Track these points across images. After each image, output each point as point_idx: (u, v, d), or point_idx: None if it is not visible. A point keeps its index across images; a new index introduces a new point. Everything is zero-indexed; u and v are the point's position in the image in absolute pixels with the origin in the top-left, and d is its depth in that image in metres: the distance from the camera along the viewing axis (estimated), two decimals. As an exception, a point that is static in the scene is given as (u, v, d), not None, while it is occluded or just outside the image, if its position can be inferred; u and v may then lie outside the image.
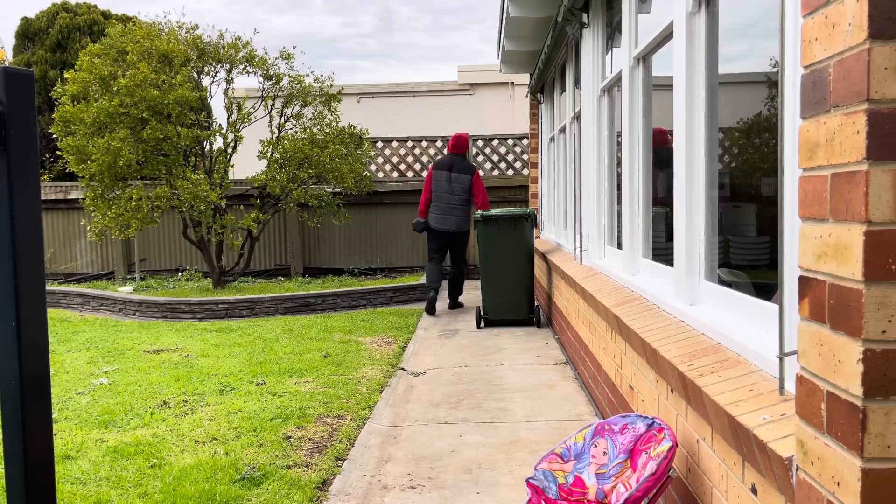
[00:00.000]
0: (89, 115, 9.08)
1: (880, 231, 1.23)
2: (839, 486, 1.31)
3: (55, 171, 14.15)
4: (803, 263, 1.45)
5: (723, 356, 2.26)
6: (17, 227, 1.30)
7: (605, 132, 5.03)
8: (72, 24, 15.72)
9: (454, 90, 18.28)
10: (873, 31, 1.21)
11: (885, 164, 1.22)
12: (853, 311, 1.26)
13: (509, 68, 9.47)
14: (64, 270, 12.70)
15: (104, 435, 4.18)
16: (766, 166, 2.31)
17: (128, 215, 9.28)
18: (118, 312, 9.42)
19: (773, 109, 2.24)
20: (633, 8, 3.95)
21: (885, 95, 1.22)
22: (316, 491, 3.28)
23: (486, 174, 12.87)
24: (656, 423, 2.34)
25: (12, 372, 1.31)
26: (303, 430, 4.15)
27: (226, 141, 10.24)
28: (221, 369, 5.75)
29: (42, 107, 14.97)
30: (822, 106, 1.36)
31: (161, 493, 3.26)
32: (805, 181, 1.45)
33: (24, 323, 1.31)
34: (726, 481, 2.00)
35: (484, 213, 7.30)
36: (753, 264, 2.50)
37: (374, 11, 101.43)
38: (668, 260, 3.32)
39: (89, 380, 5.55)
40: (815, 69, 1.40)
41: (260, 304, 8.94)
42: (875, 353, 1.24)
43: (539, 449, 3.71)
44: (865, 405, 1.24)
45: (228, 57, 10.09)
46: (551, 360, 5.79)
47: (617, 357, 3.65)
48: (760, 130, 2.36)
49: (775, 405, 1.78)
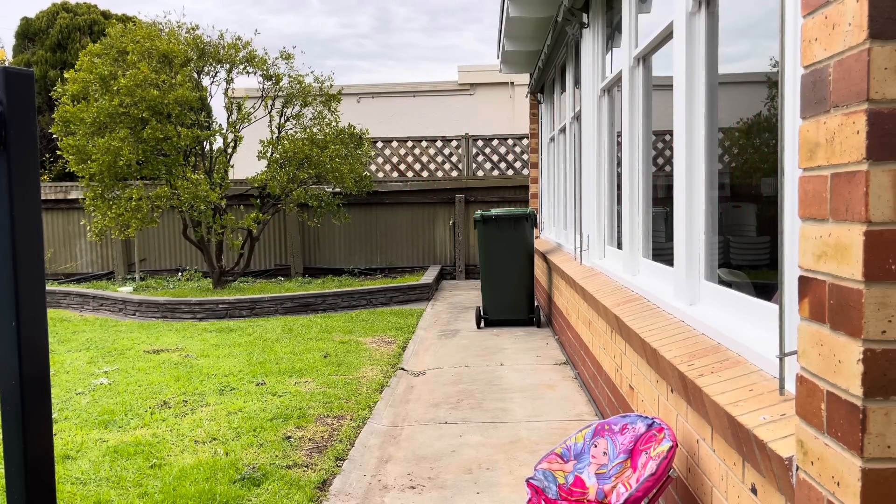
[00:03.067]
0: (89, 114, 9.08)
1: (880, 231, 1.22)
2: (839, 486, 1.31)
3: (55, 171, 14.15)
4: (803, 263, 1.45)
5: (723, 356, 2.26)
6: (17, 227, 1.30)
7: (605, 132, 5.03)
8: (72, 24, 15.72)
9: (454, 90, 18.29)
10: (873, 31, 1.21)
11: (885, 164, 1.22)
12: (853, 311, 1.26)
13: (509, 68, 9.47)
14: (64, 270, 12.70)
15: (104, 435, 4.18)
16: (766, 166, 2.31)
17: (128, 215, 9.28)
18: (118, 312, 9.41)
19: (773, 109, 2.24)
20: (633, 8, 3.95)
21: (885, 95, 1.21)
22: (316, 491, 3.28)
23: (486, 174, 12.88)
24: (656, 423, 2.34)
25: (12, 372, 1.31)
26: (303, 430, 4.15)
27: (226, 141, 10.24)
28: (221, 369, 5.75)
29: (42, 107, 14.97)
30: (822, 106, 1.36)
31: (161, 493, 3.26)
32: (805, 181, 1.44)
33: (24, 323, 1.31)
34: (726, 481, 2.00)
35: (484, 213, 7.29)
36: (753, 264, 2.50)
37: (372, 12, 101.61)
38: (668, 260, 3.32)
39: (89, 380, 5.54)
40: (815, 69, 1.40)
41: (260, 304, 8.94)
42: (875, 354, 1.23)
43: (539, 449, 3.71)
44: (865, 405, 1.24)
45: (228, 57, 10.09)
46: (551, 360, 5.79)
47: (617, 357, 3.65)
48: (760, 130, 2.36)
49: (775, 405, 1.78)
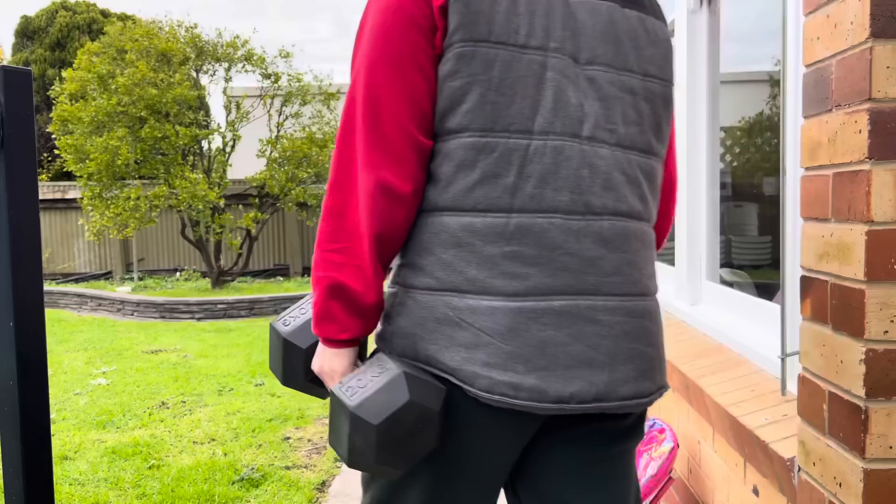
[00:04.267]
0: (87, 113, 9.07)
1: (883, 231, 1.22)
2: (841, 487, 1.31)
3: (53, 171, 14.13)
4: (805, 263, 1.44)
5: (724, 356, 2.26)
6: (15, 226, 1.29)
7: (605, 132, 5.03)
8: (71, 23, 15.71)
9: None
10: (875, 29, 1.20)
11: (888, 164, 1.22)
12: (855, 312, 1.25)
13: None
14: (62, 270, 12.69)
15: (102, 435, 4.17)
16: (768, 166, 2.30)
17: (126, 215, 9.27)
18: (116, 312, 9.40)
19: (774, 108, 2.24)
20: (633, 7, 3.95)
21: (887, 94, 1.21)
22: (315, 492, 3.28)
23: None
24: (657, 424, 2.34)
25: (10, 372, 1.31)
26: (302, 430, 4.14)
27: (224, 140, 10.23)
28: (220, 370, 5.75)
29: (40, 105, 14.95)
30: (824, 105, 1.36)
31: (159, 493, 3.25)
32: (807, 181, 1.44)
33: (22, 323, 1.30)
34: (728, 482, 2.00)
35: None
36: (755, 264, 2.50)
37: (330, 18, 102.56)
38: (669, 260, 3.32)
39: (87, 380, 5.54)
40: (816, 68, 1.39)
41: (259, 305, 8.93)
42: (877, 354, 1.23)
43: (538, 449, 3.71)
44: (867, 406, 1.23)
45: (227, 55, 10.08)
46: (550, 360, 5.80)
47: (616, 357, 3.64)
48: (762, 129, 2.35)
49: (777, 406, 1.78)
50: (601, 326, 1.13)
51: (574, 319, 1.12)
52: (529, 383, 1.09)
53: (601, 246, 1.14)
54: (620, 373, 1.14)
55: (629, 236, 1.18)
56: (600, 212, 1.15)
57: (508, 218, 1.11)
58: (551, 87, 1.12)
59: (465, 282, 1.11)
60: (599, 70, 1.16)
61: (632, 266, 1.18)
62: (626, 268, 1.17)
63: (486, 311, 1.10)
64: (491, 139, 1.10)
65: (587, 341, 1.12)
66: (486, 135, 1.10)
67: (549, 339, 1.10)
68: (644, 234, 1.22)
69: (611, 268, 1.15)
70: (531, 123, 1.11)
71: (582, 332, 1.12)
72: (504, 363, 1.09)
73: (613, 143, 1.16)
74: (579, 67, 1.15)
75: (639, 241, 1.20)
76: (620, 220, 1.17)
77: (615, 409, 1.15)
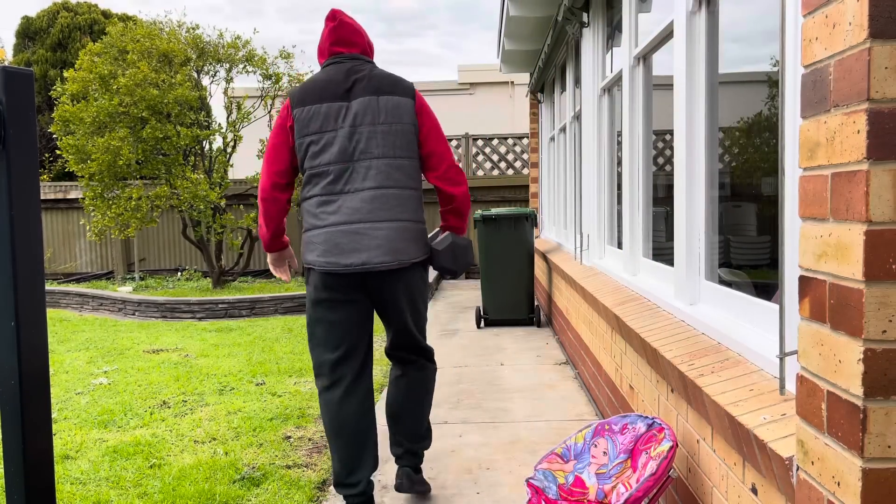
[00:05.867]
0: (89, 114, 9.08)
1: (881, 231, 1.22)
2: (839, 486, 1.31)
3: (55, 171, 14.14)
4: (804, 263, 1.45)
5: (723, 356, 2.26)
6: (17, 226, 1.29)
7: (606, 132, 5.03)
8: (72, 24, 15.72)
9: (454, 89, 18.29)
10: (874, 30, 1.21)
11: (886, 164, 1.22)
12: (854, 311, 1.26)
13: (509, 68, 9.46)
14: (63, 270, 12.70)
15: (103, 435, 4.18)
16: (767, 166, 2.31)
17: (127, 215, 9.28)
18: (117, 312, 9.41)
19: (773, 109, 2.24)
20: (634, 7, 3.95)
21: (885, 95, 1.21)
22: (316, 491, 3.28)
23: (486, 174, 12.87)
24: (656, 423, 2.34)
25: (12, 372, 1.31)
26: (302, 429, 4.15)
27: (225, 140, 10.24)
28: (221, 369, 5.75)
29: (42, 106, 14.97)
30: (823, 105, 1.36)
31: (160, 493, 3.26)
32: (805, 181, 1.44)
33: (23, 323, 1.31)
34: (727, 481, 2.00)
35: (484, 213, 7.29)
36: (754, 264, 2.50)
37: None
38: (668, 260, 3.32)
39: (89, 380, 5.54)
40: (815, 68, 1.39)
41: (259, 304, 8.94)
42: (875, 353, 1.23)
43: (539, 449, 3.71)
44: (866, 405, 1.24)
45: (228, 56, 10.09)
46: (551, 360, 5.79)
47: (617, 357, 3.65)
48: (761, 130, 2.36)
49: (776, 405, 1.78)
50: (362, 236, 2.76)
51: (352, 233, 2.77)
52: (333, 260, 2.78)
53: (367, 202, 2.79)
54: (373, 254, 2.76)
55: (386, 197, 2.80)
56: (371, 188, 2.81)
57: (328, 199, 2.83)
58: (338, 143, 2.83)
59: (310, 226, 2.87)
60: (366, 128, 2.85)
61: (385, 209, 2.80)
62: (380, 210, 2.79)
63: (316, 235, 2.83)
64: (318, 170, 2.83)
65: (357, 242, 2.76)
66: (315, 168, 2.84)
67: (340, 242, 2.78)
68: (399, 195, 2.82)
69: (370, 210, 2.80)
70: (332, 158, 2.82)
71: (354, 238, 2.76)
72: (323, 254, 2.80)
73: (377, 156, 2.82)
74: (354, 128, 2.84)
75: (395, 198, 2.82)
76: (379, 191, 2.80)
77: (373, 269, 2.77)
